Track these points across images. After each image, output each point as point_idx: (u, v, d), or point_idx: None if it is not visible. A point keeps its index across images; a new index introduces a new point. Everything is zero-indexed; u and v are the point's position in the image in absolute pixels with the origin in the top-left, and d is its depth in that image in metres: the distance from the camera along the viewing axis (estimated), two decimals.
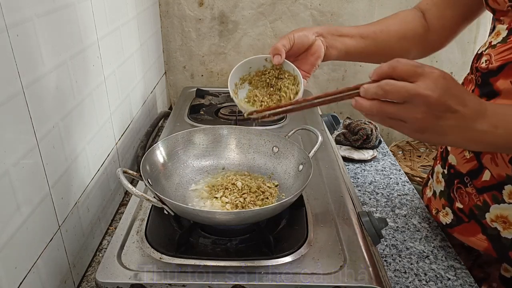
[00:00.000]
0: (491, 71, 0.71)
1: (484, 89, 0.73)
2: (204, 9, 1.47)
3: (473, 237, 0.79)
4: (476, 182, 0.76)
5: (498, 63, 0.70)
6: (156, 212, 0.75)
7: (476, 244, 0.79)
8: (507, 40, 0.71)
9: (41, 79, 0.64)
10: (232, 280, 0.61)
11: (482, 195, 0.75)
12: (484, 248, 0.78)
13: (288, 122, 1.18)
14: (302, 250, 0.67)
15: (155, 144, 0.84)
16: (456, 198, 0.81)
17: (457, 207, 0.81)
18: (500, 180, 0.72)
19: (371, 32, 0.87)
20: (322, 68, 1.54)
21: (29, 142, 0.61)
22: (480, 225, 0.77)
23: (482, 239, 0.78)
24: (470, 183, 0.77)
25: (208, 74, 1.58)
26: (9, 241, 0.56)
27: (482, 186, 0.75)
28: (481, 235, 0.78)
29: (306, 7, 1.45)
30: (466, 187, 0.78)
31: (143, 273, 0.62)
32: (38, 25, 0.63)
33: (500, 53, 0.71)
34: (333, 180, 0.88)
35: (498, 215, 0.74)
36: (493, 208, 0.74)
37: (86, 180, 0.82)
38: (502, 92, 0.70)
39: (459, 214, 0.81)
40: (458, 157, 0.79)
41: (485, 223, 0.76)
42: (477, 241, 0.79)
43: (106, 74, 0.92)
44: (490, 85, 0.72)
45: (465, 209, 0.79)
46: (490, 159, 0.72)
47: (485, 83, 0.73)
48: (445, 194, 0.85)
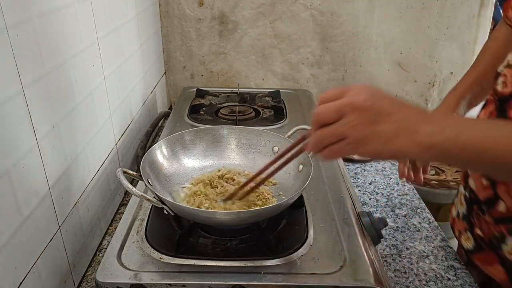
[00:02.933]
0: (505, 97, 0.69)
1: (500, 114, 0.71)
2: (204, 9, 1.47)
3: (491, 266, 0.76)
4: (492, 212, 0.73)
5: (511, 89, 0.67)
6: (156, 212, 0.75)
7: (494, 275, 0.76)
8: None
9: (41, 79, 0.64)
10: (232, 280, 0.61)
11: (499, 226, 0.72)
12: (501, 280, 0.74)
13: (288, 122, 1.18)
14: (302, 250, 0.67)
15: (155, 144, 0.84)
16: (476, 224, 0.78)
17: (477, 233, 0.78)
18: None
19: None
20: (322, 68, 1.54)
21: (29, 142, 0.61)
22: (497, 255, 0.74)
23: (499, 271, 0.74)
24: (487, 212, 0.74)
25: (208, 74, 1.58)
26: (9, 241, 0.56)
27: (498, 216, 0.72)
28: (499, 266, 0.74)
29: (306, 7, 1.45)
30: (484, 215, 0.75)
31: (143, 273, 0.62)
32: (38, 25, 0.63)
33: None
34: (333, 180, 0.88)
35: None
36: (509, 240, 0.70)
37: (86, 180, 0.82)
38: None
39: (478, 241, 0.78)
40: (477, 183, 0.76)
41: (502, 255, 0.73)
42: (494, 271, 0.75)
43: (106, 74, 0.92)
44: (505, 111, 0.69)
45: (484, 237, 0.76)
46: (505, 190, 0.70)
47: (501, 108, 0.71)
48: (466, 218, 0.81)
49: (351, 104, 0.50)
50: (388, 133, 0.50)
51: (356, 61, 1.53)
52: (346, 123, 0.50)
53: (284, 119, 1.19)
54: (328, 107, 0.52)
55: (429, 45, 1.48)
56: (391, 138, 0.50)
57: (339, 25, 1.47)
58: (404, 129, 0.50)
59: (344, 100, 0.51)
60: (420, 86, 1.53)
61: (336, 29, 1.47)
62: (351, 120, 0.50)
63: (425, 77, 1.53)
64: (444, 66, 1.51)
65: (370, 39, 1.49)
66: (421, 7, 1.43)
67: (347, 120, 0.50)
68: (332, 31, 1.48)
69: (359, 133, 0.50)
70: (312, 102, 1.35)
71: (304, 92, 1.44)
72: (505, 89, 0.69)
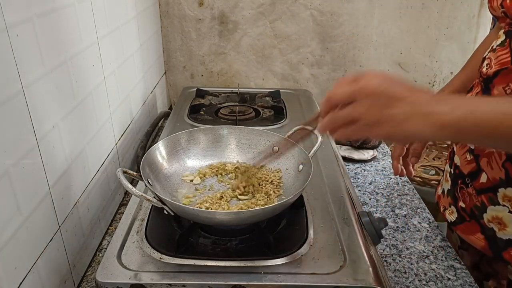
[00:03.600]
0: (489, 77, 0.74)
1: (485, 94, 0.75)
2: (204, 9, 1.47)
3: (472, 235, 0.81)
4: (475, 183, 0.78)
5: (496, 68, 0.72)
6: (156, 212, 0.75)
7: (475, 243, 0.81)
8: (504, 44, 0.73)
9: (41, 79, 0.64)
10: (232, 280, 0.61)
11: (480, 196, 0.77)
12: (481, 247, 0.80)
13: (288, 122, 1.18)
14: (302, 250, 0.67)
15: (155, 144, 0.84)
16: (460, 198, 0.83)
17: (460, 206, 0.83)
18: (495, 183, 0.74)
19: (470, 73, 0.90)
20: (322, 68, 1.54)
21: (29, 142, 0.61)
22: (479, 224, 0.79)
23: (480, 238, 0.80)
24: (470, 184, 0.79)
25: (208, 74, 1.58)
26: (9, 241, 0.56)
27: (480, 187, 0.77)
28: (480, 234, 0.80)
29: (306, 7, 1.45)
30: (467, 188, 0.80)
31: (143, 273, 0.62)
32: (38, 25, 0.63)
33: (498, 57, 0.73)
34: (333, 180, 0.88)
35: (494, 216, 0.76)
36: (489, 209, 0.76)
37: (86, 180, 0.82)
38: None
39: (462, 213, 0.83)
40: (461, 158, 0.81)
41: (483, 223, 0.78)
42: (475, 239, 0.81)
43: (106, 74, 0.92)
44: (489, 90, 0.74)
45: (466, 209, 0.81)
46: (487, 162, 0.75)
47: (486, 88, 0.75)
48: (451, 193, 0.87)
49: (365, 88, 0.52)
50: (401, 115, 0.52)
51: (356, 61, 1.53)
52: (358, 107, 0.53)
53: (284, 119, 1.19)
54: (342, 91, 0.54)
55: (429, 45, 1.48)
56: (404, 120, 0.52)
57: (339, 25, 1.47)
58: (417, 111, 0.52)
59: (358, 84, 0.53)
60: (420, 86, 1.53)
61: (336, 29, 1.48)
62: (364, 105, 0.53)
63: (425, 77, 1.53)
64: (444, 66, 1.52)
65: (370, 39, 1.49)
66: (421, 7, 1.43)
67: (360, 104, 0.53)
68: (332, 31, 1.48)
69: (372, 116, 0.53)
70: (312, 102, 1.35)
71: (304, 92, 1.44)
72: (489, 70, 0.73)
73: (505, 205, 0.73)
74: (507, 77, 0.71)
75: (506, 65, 0.71)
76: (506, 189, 0.72)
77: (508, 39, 0.72)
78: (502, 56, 0.72)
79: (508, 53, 0.71)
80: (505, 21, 0.74)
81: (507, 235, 0.75)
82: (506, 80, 0.71)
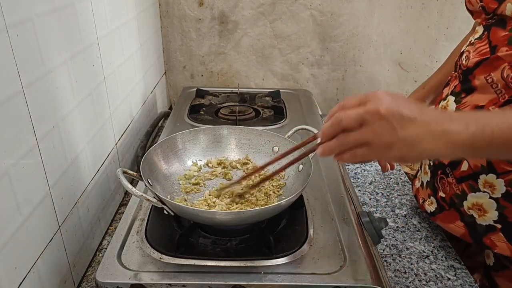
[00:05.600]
0: (469, 68, 0.77)
1: (464, 85, 0.79)
2: (204, 9, 1.47)
3: (452, 223, 0.84)
4: (455, 172, 0.81)
5: (475, 59, 0.75)
6: (156, 212, 0.75)
7: (455, 231, 0.84)
8: (482, 36, 0.76)
9: (41, 79, 0.64)
10: (232, 280, 0.61)
11: (461, 184, 0.80)
12: (461, 234, 0.83)
13: (288, 122, 1.18)
14: (302, 250, 0.67)
15: (155, 144, 0.84)
16: (439, 188, 0.86)
17: (440, 196, 0.86)
18: (476, 170, 0.77)
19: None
20: (322, 68, 1.54)
21: (29, 142, 0.61)
22: (458, 212, 0.82)
23: (460, 226, 0.82)
24: (451, 173, 0.82)
25: (208, 74, 1.58)
26: (9, 241, 0.56)
27: (460, 176, 0.80)
28: (459, 222, 0.83)
29: (306, 7, 1.45)
30: (447, 177, 0.83)
31: (143, 273, 0.62)
32: (38, 25, 0.63)
33: (477, 49, 0.76)
34: (333, 180, 0.88)
35: (474, 203, 0.79)
36: (470, 197, 0.79)
37: (86, 180, 0.82)
38: (478, 87, 0.76)
39: (441, 202, 0.86)
40: None
41: (463, 211, 0.81)
42: (455, 227, 0.83)
43: (106, 74, 0.92)
44: (469, 81, 0.77)
45: (446, 198, 0.84)
46: None
47: (465, 79, 0.78)
48: (430, 184, 0.89)
49: (374, 112, 0.52)
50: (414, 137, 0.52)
51: (356, 61, 1.53)
52: (369, 130, 0.52)
53: (284, 119, 1.19)
54: (350, 114, 0.53)
55: (429, 45, 1.48)
56: (418, 141, 0.52)
57: (339, 25, 1.47)
58: (430, 131, 0.52)
59: (367, 108, 0.52)
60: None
61: (336, 29, 1.48)
62: (375, 128, 0.52)
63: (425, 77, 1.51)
64: None
65: (370, 39, 1.49)
66: (421, 7, 1.43)
67: (371, 128, 0.52)
68: (332, 31, 1.48)
69: (385, 139, 0.52)
70: (312, 102, 1.35)
71: (304, 92, 1.44)
72: (469, 62, 0.77)
73: (486, 191, 0.76)
74: (488, 67, 0.74)
75: (486, 55, 0.74)
76: (488, 175, 0.75)
77: (486, 32, 0.75)
78: (481, 47, 0.76)
79: (486, 44, 0.75)
80: (481, 16, 0.78)
81: (487, 221, 0.78)
82: (487, 70, 0.74)
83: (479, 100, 0.75)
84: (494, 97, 0.73)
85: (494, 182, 0.75)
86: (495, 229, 0.77)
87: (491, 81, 0.73)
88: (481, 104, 0.75)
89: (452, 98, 0.82)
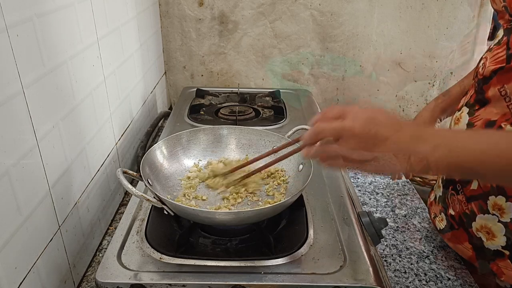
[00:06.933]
0: (485, 77, 0.73)
1: (478, 96, 0.75)
2: (204, 9, 1.47)
3: (460, 245, 0.81)
4: (466, 190, 0.77)
5: (491, 68, 0.71)
6: (156, 212, 0.75)
7: (463, 252, 0.81)
8: (501, 42, 0.71)
9: (41, 79, 0.64)
10: (232, 280, 0.61)
11: (470, 204, 0.76)
12: (468, 257, 0.79)
13: (288, 122, 1.18)
14: (302, 250, 0.67)
15: (155, 144, 0.84)
16: (450, 205, 0.82)
17: (450, 213, 0.82)
18: (486, 190, 0.73)
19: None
20: (322, 68, 1.54)
21: (29, 142, 0.61)
22: (467, 233, 0.78)
23: (468, 248, 0.79)
24: (461, 191, 0.78)
25: (208, 74, 1.58)
26: (9, 241, 0.56)
27: (470, 194, 0.76)
28: (467, 243, 0.79)
29: (306, 7, 1.45)
30: (458, 195, 0.79)
31: (143, 273, 0.62)
32: (38, 25, 0.63)
33: (494, 55, 0.72)
34: (333, 180, 0.88)
35: (483, 225, 0.75)
36: (478, 218, 0.75)
37: (86, 180, 0.82)
38: (491, 99, 0.72)
39: (451, 220, 0.82)
40: None
41: (471, 232, 0.77)
42: (463, 249, 0.80)
43: (106, 74, 0.92)
44: (484, 92, 0.73)
45: (455, 216, 0.81)
46: None
47: (480, 90, 0.74)
48: (441, 199, 0.86)
49: (349, 130, 0.55)
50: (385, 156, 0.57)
51: (356, 61, 1.53)
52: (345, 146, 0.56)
53: (284, 119, 1.19)
54: (327, 127, 0.57)
55: (429, 45, 1.48)
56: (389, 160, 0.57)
57: (339, 25, 1.47)
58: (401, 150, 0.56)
59: (343, 124, 0.56)
60: (420, 86, 1.53)
61: (336, 29, 1.47)
62: (351, 144, 0.56)
63: (425, 77, 1.53)
64: (444, 66, 1.51)
65: (370, 39, 1.49)
66: (421, 7, 1.43)
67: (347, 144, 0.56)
68: (332, 31, 1.48)
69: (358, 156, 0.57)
70: (312, 102, 1.35)
71: (304, 92, 1.44)
72: (485, 70, 0.73)
73: (495, 214, 0.72)
74: (503, 78, 0.69)
75: (501, 64, 0.69)
76: (497, 197, 0.71)
77: (506, 37, 0.70)
78: (498, 54, 0.71)
79: (504, 50, 0.69)
80: (504, 17, 0.72)
81: (495, 246, 0.73)
82: (502, 80, 0.69)
83: (491, 114, 0.71)
84: (506, 112, 0.68)
85: (503, 205, 0.70)
86: (503, 255, 0.73)
87: (504, 93, 0.68)
88: (493, 119, 0.70)
89: (466, 109, 0.77)
